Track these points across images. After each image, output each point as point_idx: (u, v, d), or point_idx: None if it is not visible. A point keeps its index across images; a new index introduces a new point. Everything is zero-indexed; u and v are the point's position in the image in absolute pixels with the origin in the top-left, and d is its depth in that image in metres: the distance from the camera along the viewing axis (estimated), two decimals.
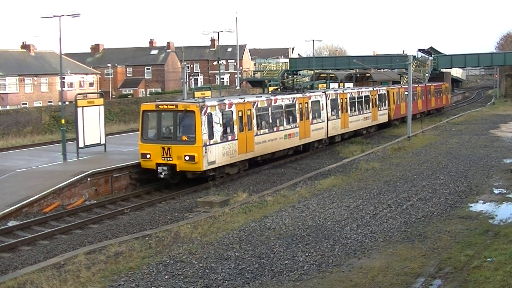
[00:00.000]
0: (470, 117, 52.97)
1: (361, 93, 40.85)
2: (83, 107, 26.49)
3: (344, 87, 49.04)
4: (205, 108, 23.71)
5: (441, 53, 78.57)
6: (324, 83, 48.72)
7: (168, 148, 23.50)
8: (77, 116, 26.27)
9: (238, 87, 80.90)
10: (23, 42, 74.47)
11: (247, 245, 14.75)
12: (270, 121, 28.40)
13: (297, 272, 12.78)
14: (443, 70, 76.85)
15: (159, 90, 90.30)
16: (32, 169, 24.32)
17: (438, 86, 62.35)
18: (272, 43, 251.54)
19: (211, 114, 23.98)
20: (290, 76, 68.75)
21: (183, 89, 45.00)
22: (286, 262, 13.42)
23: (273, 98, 29.12)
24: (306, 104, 32.12)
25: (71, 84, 74.92)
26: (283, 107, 29.75)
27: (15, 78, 67.90)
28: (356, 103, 39.50)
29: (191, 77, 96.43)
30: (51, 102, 68.74)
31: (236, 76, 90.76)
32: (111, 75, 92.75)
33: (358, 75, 71.04)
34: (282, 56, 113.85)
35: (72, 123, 37.17)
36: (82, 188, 22.43)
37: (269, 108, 28.42)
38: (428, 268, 12.75)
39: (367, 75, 69.50)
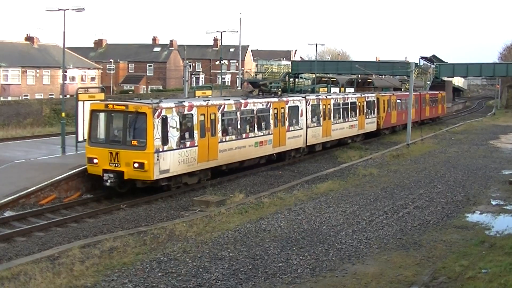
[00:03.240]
0: (470, 127, 52.91)
1: (347, 100, 38.17)
2: (83, 101, 26.36)
3: (345, 91, 48.54)
4: (159, 110, 21.26)
5: (443, 62, 78.57)
6: (325, 87, 48.52)
7: (116, 153, 21.15)
8: (77, 110, 26.18)
9: (239, 88, 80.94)
10: (27, 34, 74.76)
11: (242, 246, 14.75)
12: (239, 126, 26.00)
13: (291, 275, 12.77)
14: (445, 78, 76.78)
15: (160, 87, 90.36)
16: (31, 161, 24.32)
17: (433, 95, 60.03)
18: (275, 45, 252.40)
19: (166, 117, 21.53)
20: (290, 78, 68.62)
21: (184, 87, 45.09)
22: (280, 264, 13.42)
23: (243, 101, 26.63)
24: (282, 110, 29.45)
25: (73, 78, 75.06)
26: (255, 111, 27.28)
27: (17, 70, 68.05)
28: (341, 110, 36.92)
29: (192, 76, 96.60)
30: (52, 94, 68.83)
31: (237, 76, 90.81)
32: (113, 71, 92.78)
33: (360, 81, 70.87)
34: (284, 59, 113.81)
35: (72, 116, 37.11)
36: (79, 181, 22.41)
37: (238, 113, 26.00)
38: (422, 277, 12.73)
39: (368, 80, 69.33)
